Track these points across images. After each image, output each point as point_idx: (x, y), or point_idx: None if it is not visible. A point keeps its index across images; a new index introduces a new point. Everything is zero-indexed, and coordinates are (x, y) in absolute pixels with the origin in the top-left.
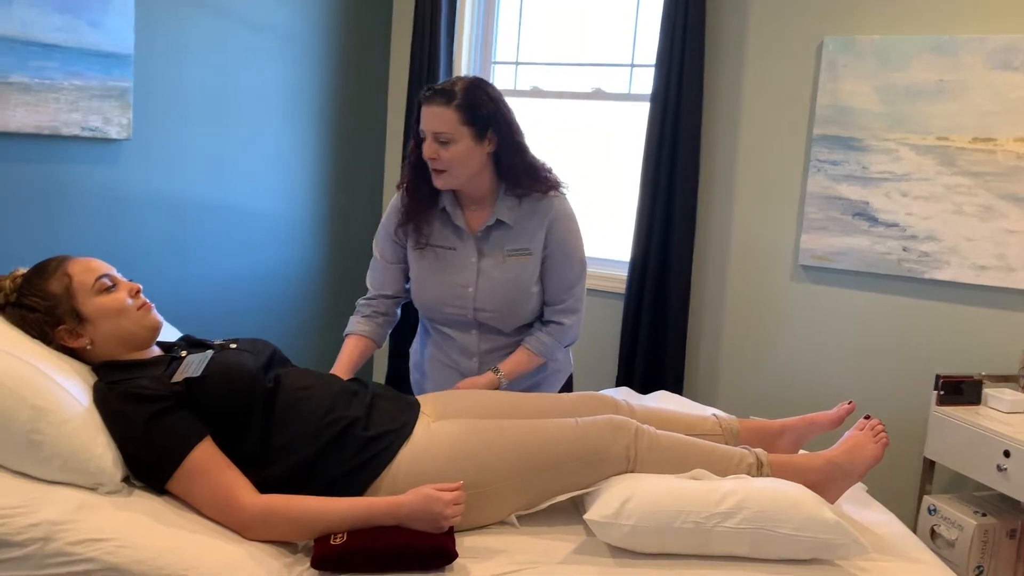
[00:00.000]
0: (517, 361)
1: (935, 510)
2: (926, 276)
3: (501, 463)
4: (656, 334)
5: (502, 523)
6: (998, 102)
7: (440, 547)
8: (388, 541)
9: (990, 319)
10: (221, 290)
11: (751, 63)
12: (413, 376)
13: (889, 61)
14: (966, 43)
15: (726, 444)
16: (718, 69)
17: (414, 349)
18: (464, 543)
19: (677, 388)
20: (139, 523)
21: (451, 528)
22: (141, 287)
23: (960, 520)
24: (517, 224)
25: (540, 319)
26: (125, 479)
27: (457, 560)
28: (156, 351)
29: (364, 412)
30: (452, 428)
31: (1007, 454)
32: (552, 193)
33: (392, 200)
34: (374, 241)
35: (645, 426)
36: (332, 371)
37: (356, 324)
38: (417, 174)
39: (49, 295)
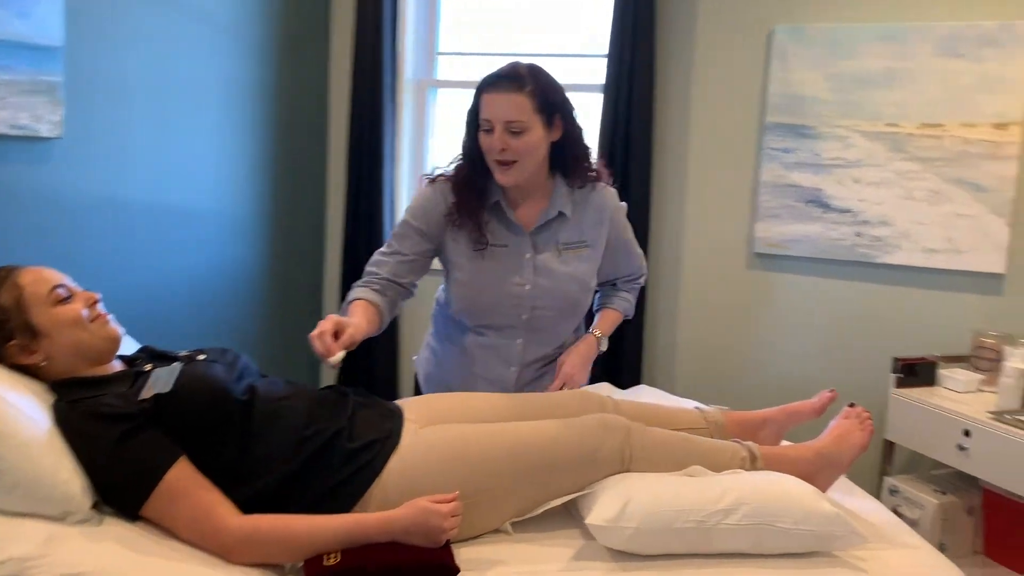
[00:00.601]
0: (612, 320)
1: (896, 491)
2: (879, 260)
3: (495, 469)
4: None
5: (495, 531)
6: (944, 89)
7: (442, 563)
8: (386, 559)
9: (941, 301)
10: (163, 294)
11: (702, 53)
12: (426, 389)
13: (838, 49)
14: (913, 31)
15: (712, 437)
16: (669, 59)
17: (425, 360)
18: (460, 555)
19: (635, 379)
20: (115, 553)
21: (447, 541)
22: (99, 297)
23: (921, 500)
24: (573, 216)
25: (611, 284)
26: (94, 506)
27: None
28: (118, 366)
29: (346, 422)
30: (441, 435)
31: (967, 433)
32: (602, 184)
33: (422, 195)
34: (393, 235)
35: (636, 424)
36: (350, 317)
37: (366, 292)
38: (475, 169)
39: None
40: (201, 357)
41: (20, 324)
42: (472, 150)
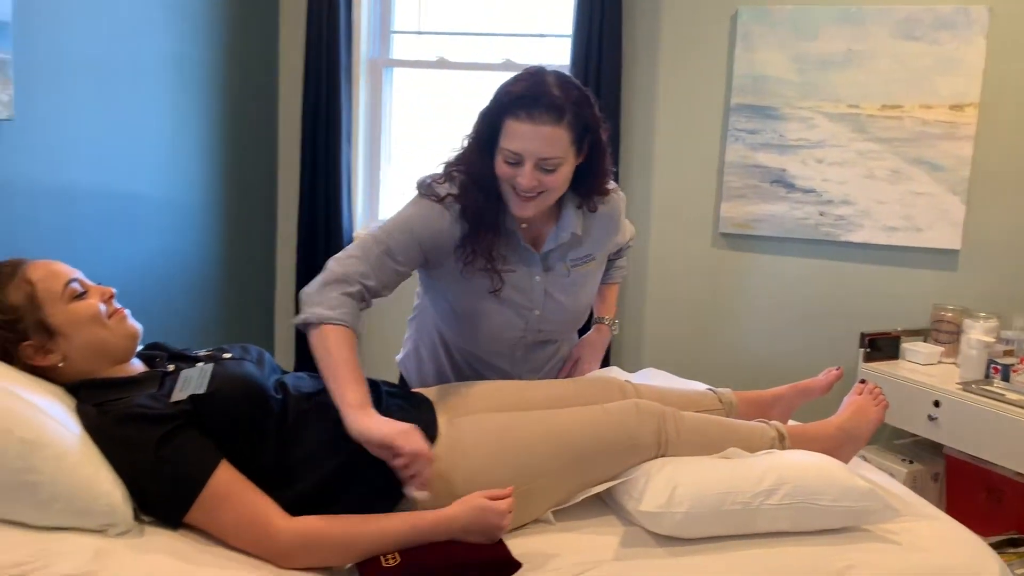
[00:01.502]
0: (614, 297)
1: (865, 460)
2: (842, 239)
3: (539, 458)
4: None
5: (536, 521)
6: (903, 71)
7: (505, 559)
8: (447, 558)
9: (901, 277)
10: (113, 282)
11: (667, 34)
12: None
13: (801, 31)
14: (872, 14)
15: (729, 418)
16: (635, 39)
17: (414, 362)
18: (511, 548)
19: (603, 361)
20: (166, 566)
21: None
22: (115, 291)
23: (891, 468)
24: (585, 232)
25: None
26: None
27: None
28: (139, 365)
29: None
30: (481, 425)
31: (937, 404)
32: (612, 188)
33: (431, 213)
34: (382, 234)
35: (670, 408)
36: (340, 380)
37: (351, 314)
38: (487, 197)
39: (8, 307)
40: (227, 356)
41: (34, 323)
42: (484, 176)
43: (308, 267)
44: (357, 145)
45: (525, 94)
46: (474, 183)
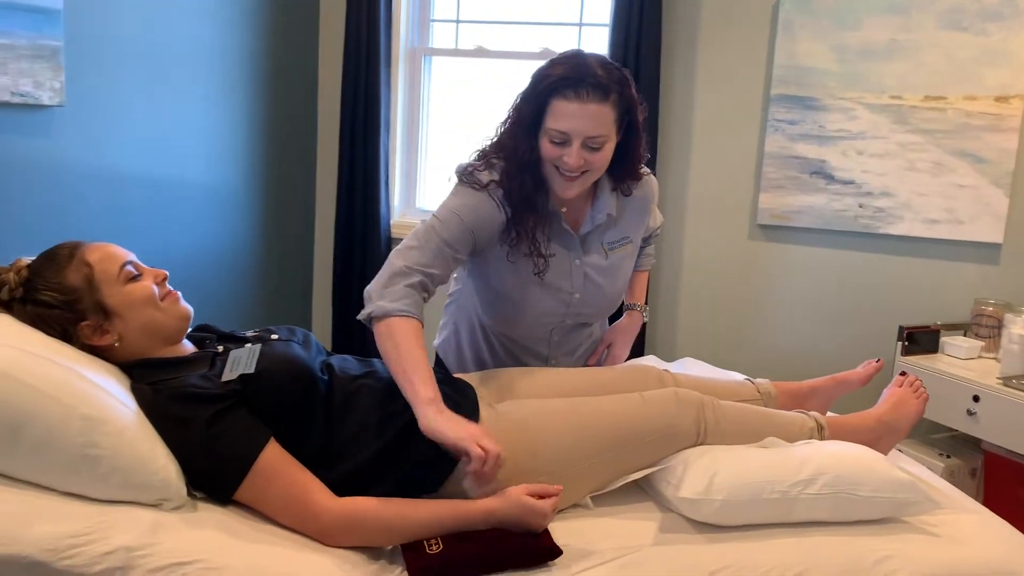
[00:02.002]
0: (645, 283)
1: (901, 453)
2: (881, 231)
3: (581, 445)
4: None
5: (575, 506)
6: (947, 62)
7: (547, 547)
8: (489, 545)
9: (942, 270)
10: (157, 264)
11: (707, 23)
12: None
13: (843, 21)
14: (917, 3)
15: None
16: (674, 28)
17: (447, 344)
18: (552, 532)
19: (636, 351)
20: (218, 541)
21: None
22: (167, 274)
23: (928, 463)
24: (619, 214)
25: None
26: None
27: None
28: (190, 346)
29: None
30: (522, 411)
31: (976, 399)
32: (644, 172)
33: (476, 200)
34: (437, 224)
35: (708, 397)
36: (410, 375)
37: (416, 305)
38: (531, 180)
39: (68, 288)
40: (274, 337)
41: (92, 304)
42: (527, 159)
43: (346, 255)
44: (395, 134)
45: (570, 75)
46: (517, 167)
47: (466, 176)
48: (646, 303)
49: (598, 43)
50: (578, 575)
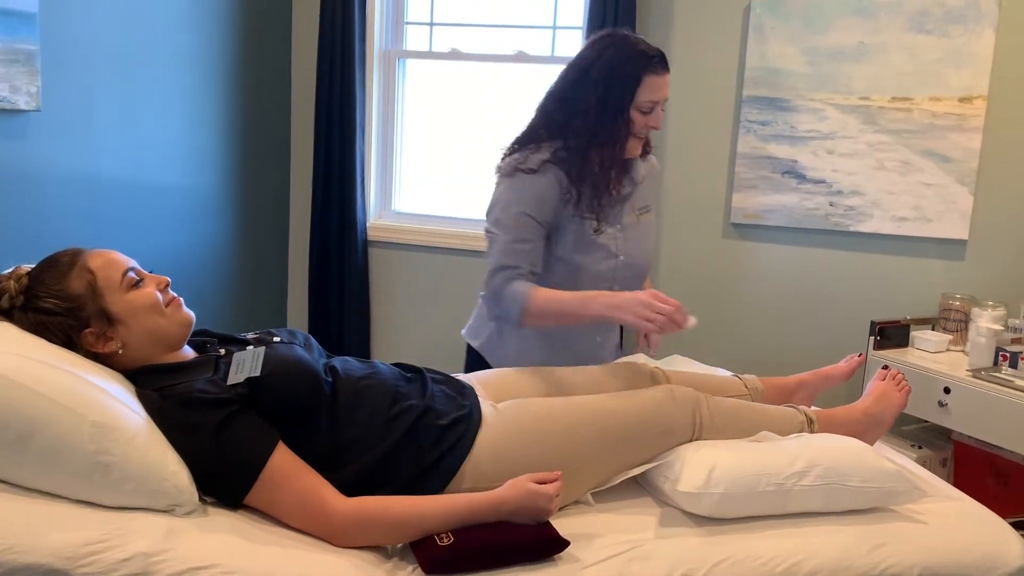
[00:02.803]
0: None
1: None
2: (851, 229)
3: (581, 442)
4: None
5: (576, 503)
6: (913, 64)
7: (554, 539)
8: (499, 537)
9: (910, 266)
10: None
11: (680, 26)
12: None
13: (813, 24)
14: (884, 6)
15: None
16: (647, 32)
17: (478, 333)
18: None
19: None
20: (232, 545)
21: None
22: (169, 280)
23: (901, 454)
24: (643, 182)
25: None
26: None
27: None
28: (191, 351)
29: (429, 399)
30: (525, 410)
31: (947, 390)
32: (650, 148)
33: (533, 184)
34: (502, 225)
35: (703, 394)
36: (576, 300)
37: (521, 281)
38: (619, 151)
39: (70, 295)
40: (276, 339)
41: (95, 311)
42: (607, 133)
43: (322, 258)
44: (371, 136)
45: (653, 55)
46: (606, 140)
47: (512, 169)
48: None
49: (572, 46)
50: (587, 568)
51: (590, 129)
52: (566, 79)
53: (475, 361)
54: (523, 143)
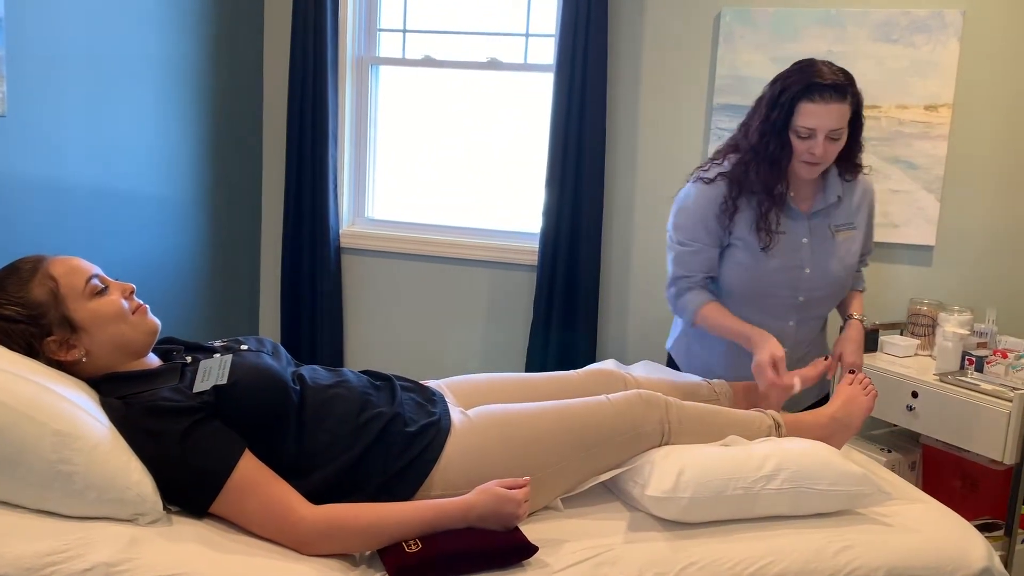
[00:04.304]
0: (862, 302)
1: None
2: None
3: (551, 448)
4: (569, 305)
5: (545, 508)
6: (880, 72)
7: (522, 544)
8: (467, 543)
9: (879, 272)
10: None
11: (651, 34)
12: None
13: (782, 32)
14: (851, 16)
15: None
16: (619, 39)
17: (678, 347)
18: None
19: (590, 357)
20: (197, 554)
21: None
22: (135, 287)
23: (870, 458)
24: (844, 199)
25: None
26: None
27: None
28: (156, 359)
29: (398, 406)
30: (493, 417)
31: (915, 395)
32: (865, 170)
33: (703, 195)
34: (678, 235)
35: (673, 398)
36: (738, 330)
37: (706, 294)
38: (776, 171)
39: (32, 303)
40: (244, 347)
41: (57, 319)
42: (772, 151)
43: (294, 264)
44: (343, 143)
45: (822, 84)
46: (764, 160)
47: (695, 177)
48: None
49: (545, 54)
50: (556, 573)
51: (754, 148)
52: (758, 97)
53: (669, 362)
54: (719, 153)
